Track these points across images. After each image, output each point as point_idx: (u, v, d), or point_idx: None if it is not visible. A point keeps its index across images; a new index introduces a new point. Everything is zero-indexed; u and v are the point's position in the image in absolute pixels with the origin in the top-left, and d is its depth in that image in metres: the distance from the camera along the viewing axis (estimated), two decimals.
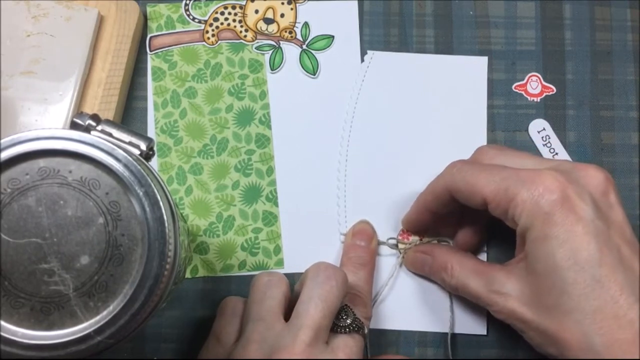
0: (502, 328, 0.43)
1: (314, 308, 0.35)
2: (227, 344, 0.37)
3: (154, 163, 0.44)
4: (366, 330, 0.38)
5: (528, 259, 0.35)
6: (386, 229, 0.44)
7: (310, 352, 0.34)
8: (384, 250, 0.44)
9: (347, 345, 0.36)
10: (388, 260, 0.43)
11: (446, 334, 0.42)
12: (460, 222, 0.42)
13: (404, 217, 0.43)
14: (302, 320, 0.35)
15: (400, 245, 0.43)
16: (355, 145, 0.45)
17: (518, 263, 0.36)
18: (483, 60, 0.46)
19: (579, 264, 0.32)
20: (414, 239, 0.43)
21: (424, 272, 0.42)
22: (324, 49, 0.46)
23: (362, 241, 0.43)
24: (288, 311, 0.37)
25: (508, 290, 0.35)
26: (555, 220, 0.33)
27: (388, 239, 0.44)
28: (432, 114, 0.45)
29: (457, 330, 0.43)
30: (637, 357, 0.31)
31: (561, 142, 0.45)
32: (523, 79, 0.46)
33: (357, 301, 0.39)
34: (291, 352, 0.34)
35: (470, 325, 0.43)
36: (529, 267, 0.35)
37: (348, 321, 0.37)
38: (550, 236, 0.33)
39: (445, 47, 0.46)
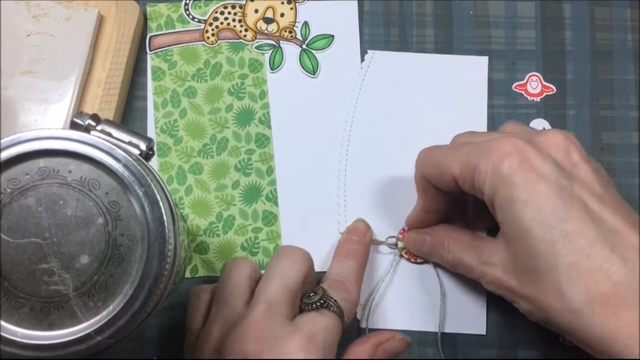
0: (502, 328, 0.43)
1: (270, 283, 0.35)
2: (196, 330, 0.37)
3: (154, 163, 0.44)
4: (348, 312, 0.37)
5: (503, 227, 0.34)
6: (386, 228, 0.44)
7: (265, 325, 0.34)
8: (384, 249, 0.44)
9: (313, 321, 0.35)
10: (387, 259, 0.43)
11: (445, 333, 0.42)
12: (467, 217, 0.42)
13: (407, 218, 0.43)
14: (259, 296, 0.35)
15: (400, 244, 0.43)
16: (355, 145, 0.45)
17: (501, 235, 0.35)
18: (483, 60, 0.46)
19: (545, 221, 0.31)
20: None
21: (423, 252, 0.42)
22: (323, 48, 0.46)
23: (355, 236, 0.43)
24: None
25: (494, 261, 0.35)
26: (516, 181, 0.32)
27: (387, 238, 0.44)
28: (432, 113, 0.45)
29: (457, 330, 0.43)
30: (616, 310, 0.30)
31: None
32: (523, 79, 0.46)
33: (338, 286, 0.39)
34: (245, 325, 0.34)
35: (470, 325, 0.43)
36: (506, 235, 0.34)
37: (315, 298, 0.36)
38: (514, 198, 0.32)
39: (445, 47, 0.46)
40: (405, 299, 0.43)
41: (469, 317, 0.43)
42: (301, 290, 0.37)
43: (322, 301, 0.36)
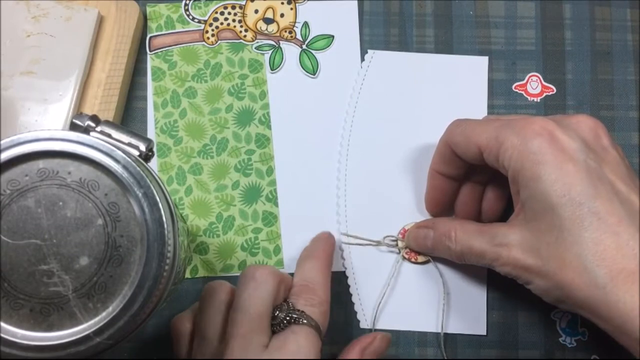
0: (502, 328, 0.43)
1: (239, 315, 0.34)
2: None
3: (154, 163, 0.44)
4: (320, 316, 0.36)
5: (525, 205, 0.34)
6: (387, 229, 0.44)
7: None
8: (384, 249, 0.44)
9: (285, 343, 0.34)
10: (387, 261, 0.43)
11: (445, 334, 0.42)
12: (480, 201, 0.42)
13: (425, 200, 0.43)
14: (230, 331, 0.34)
15: (400, 244, 0.43)
16: (355, 145, 0.45)
17: (518, 215, 0.36)
18: (483, 60, 0.46)
19: (574, 199, 0.32)
20: None
21: (426, 247, 0.41)
22: (323, 48, 0.46)
23: (318, 240, 0.42)
24: None
25: (510, 241, 0.35)
26: (546, 159, 0.33)
27: (384, 237, 0.43)
28: (432, 113, 0.45)
29: (457, 331, 0.43)
30: None
31: None
32: (523, 79, 0.46)
33: (303, 290, 0.37)
34: None
35: (470, 325, 0.43)
36: (527, 213, 0.34)
37: (281, 316, 0.35)
38: (542, 175, 0.33)
39: (445, 47, 0.46)
40: (406, 300, 0.43)
41: (470, 317, 0.43)
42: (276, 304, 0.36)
43: (288, 317, 0.35)
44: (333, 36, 0.46)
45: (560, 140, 0.33)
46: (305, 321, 0.35)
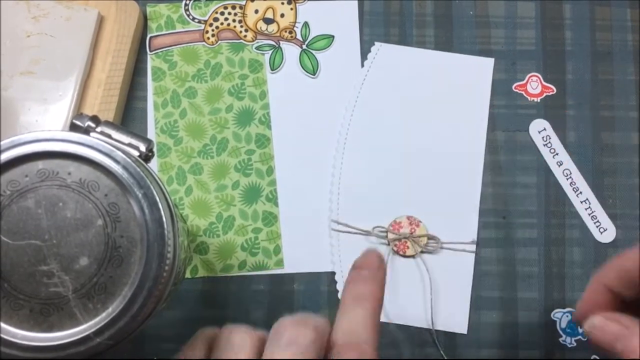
0: (502, 328, 0.43)
1: None
2: None
3: (154, 163, 0.44)
4: None
5: None
6: (378, 221, 0.44)
7: None
8: (373, 242, 0.43)
9: None
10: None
11: (444, 332, 0.43)
12: None
13: (577, 304, 0.36)
14: None
15: (390, 236, 0.43)
16: (352, 140, 0.45)
17: None
18: (489, 62, 0.46)
19: None
20: (404, 231, 0.43)
21: (614, 348, 0.33)
22: (323, 48, 0.46)
23: (364, 270, 0.31)
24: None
25: None
26: None
27: (374, 228, 0.43)
28: (433, 111, 0.45)
29: (440, 327, 0.43)
30: None
31: (561, 142, 0.45)
32: (523, 79, 0.46)
33: (350, 352, 0.28)
34: None
35: (452, 323, 0.43)
36: None
37: None
38: None
39: (445, 47, 0.46)
40: (396, 293, 0.43)
41: (452, 315, 0.43)
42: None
43: None
44: (333, 36, 0.46)
45: None
46: None
